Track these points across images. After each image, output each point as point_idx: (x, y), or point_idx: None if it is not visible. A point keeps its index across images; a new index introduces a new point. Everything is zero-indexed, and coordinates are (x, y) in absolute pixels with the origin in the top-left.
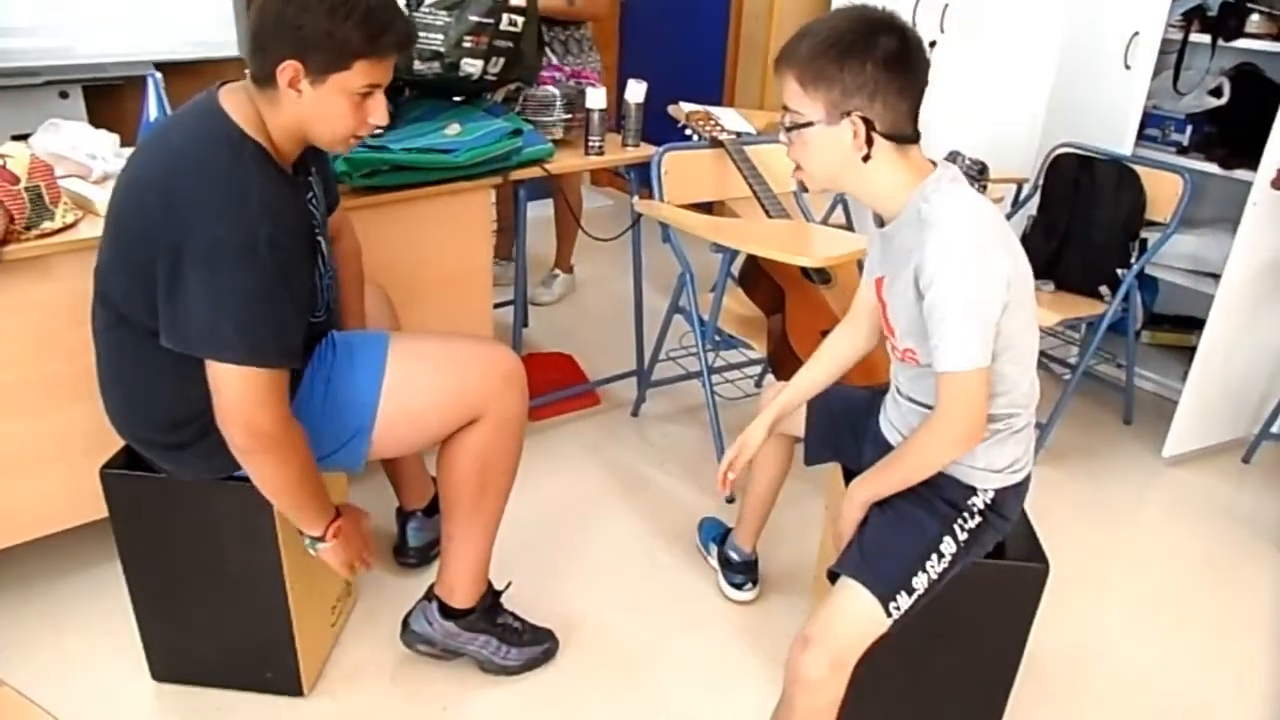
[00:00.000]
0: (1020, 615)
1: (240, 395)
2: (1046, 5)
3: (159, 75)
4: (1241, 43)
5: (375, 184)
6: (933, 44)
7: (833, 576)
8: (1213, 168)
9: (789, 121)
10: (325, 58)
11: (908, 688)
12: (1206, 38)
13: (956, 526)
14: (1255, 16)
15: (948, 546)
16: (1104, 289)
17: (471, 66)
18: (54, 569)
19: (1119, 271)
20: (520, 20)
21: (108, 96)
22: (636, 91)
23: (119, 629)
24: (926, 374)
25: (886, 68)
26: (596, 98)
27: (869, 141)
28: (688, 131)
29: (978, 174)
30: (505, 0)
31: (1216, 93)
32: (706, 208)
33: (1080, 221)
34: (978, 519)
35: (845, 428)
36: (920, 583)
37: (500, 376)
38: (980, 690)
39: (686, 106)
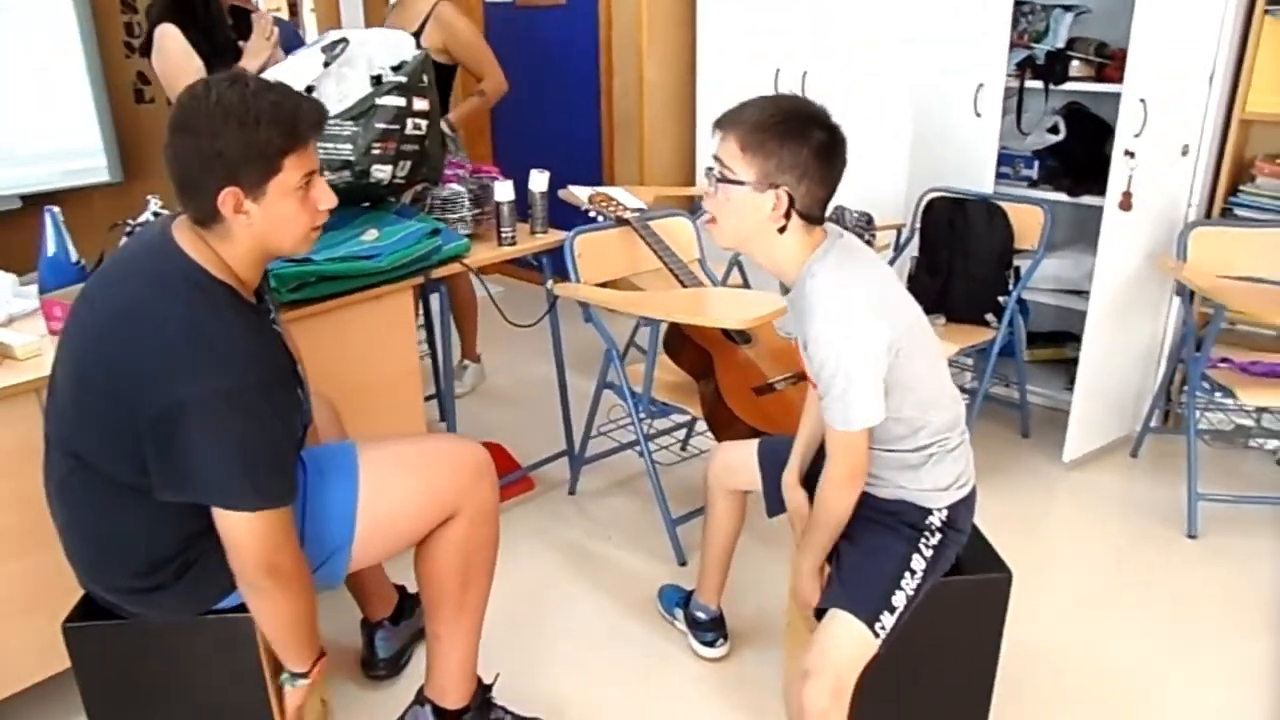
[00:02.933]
0: (991, 622)
1: (259, 540)
2: (895, 68)
3: (57, 210)
4: (1068, 85)
5: (304, 296)
6: None
7: (819, 614)
8: (1062, 196)
9: (720, 174)
10: (255, 170)
11: (899, 710)
12: (1039, 83)
13: (921, 545)
14: (1076, 63)
15: (917, 563)
16: (990, 316)
17: (381, 172)
18: None
19: (1000, 299)
20: (424, 124)
21: None
22: (540, 181)
23: None
24: None
25: (816, 156)
26: (504, 190)
27: (787, 215)
28: (591, 213)
29: (865, 225)
30: (409, 106)
31: (1054, 130)
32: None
33: (959, 257)
34: (938, 535)
35: (805, 481)
36: (899, 600)
37: (471, 470)
38: (964, 700)
39: (577, 190)
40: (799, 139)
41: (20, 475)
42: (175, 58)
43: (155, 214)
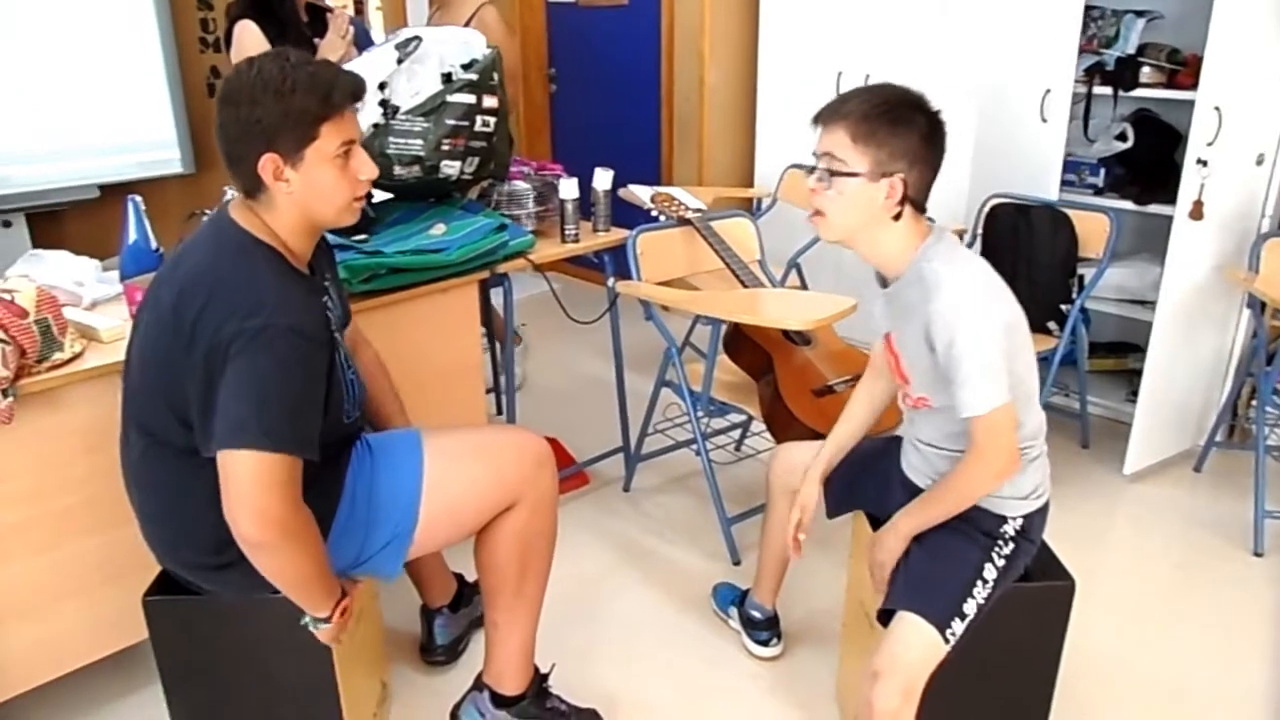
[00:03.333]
0: (1054, 630)
1: (251, 482)
2: (958, 71)
3: (139, 199)
4: (1138, 92)
5: (375, 288)
6: None
7: (884, 615)
8: (1128, 205)
9: (831, 168)
10: (293, 136)
11: (962, 713)
12: (1108, 89)
13: (994, 553)
14: (1147, 69)
15: (989, 572)
16: (1052, 325)
17: (450, 168)
18: (90, 702)
19: (1063, 307)
20: (493, 121)
21: (51, 221)
22: (604, 179)
23: None
24: (939, 416)
25: (924, 142)
26: (569, 188)
27: (901, 202)
28: (654, 213)
29: None
30: (479, 103)
31: (1122, 137)
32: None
33: (1023, 264)
34: (1012, 544)
35: (867, 478)
36: (970, 608)
37: (533, 460)
38: (1025, 705)
39: (638, 189)
40: (908, 126)
41: (104, 451)
42: (254, 52)
43: (228, 203)
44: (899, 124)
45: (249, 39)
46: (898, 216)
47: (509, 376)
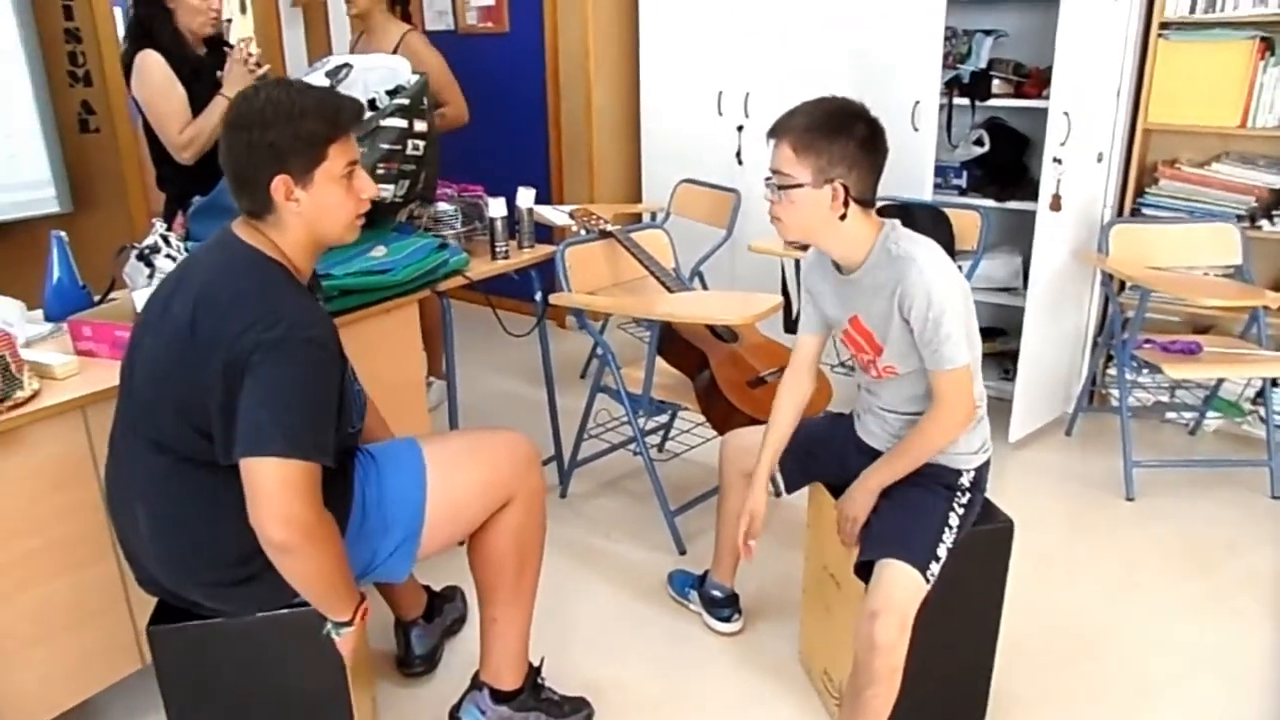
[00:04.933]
0: (1000, 564)
1: (277, 487)
2: (834, 87)
3: (63, 235)
4: (991, 101)
5: (328, 310)
6: (740, 128)
7: (862, 569)
8: (991, 202)
9: (780, 183)
10: (303, 158)
11: (936, 638)
12: (966, 100)
13: (955, 503)
14: (997, 81)
15: (953, 520)
16: None
17: (385, 191)
18: None
19: None
20: (422, 144)
21: None
22: (527, 198)
23: None
24: (904, 381)
25: (861, 147)
26: (498, 207)
27: (846, 204)
28: (574, 228)
29: None
30: (410, 127)
31: (979, 143)
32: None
33: None
34: (969, 494)
35: (821, 450)
36: (942, 551)
37: (524, 459)
38: (980, 632)
39: (546, 209)
40: (846, 134)
41: (70, 489)
42: (158, 82)
43: (163, 237)
44: (837, 133)
45: (154, 68)
46: (844, 217)
47: (450, 391)
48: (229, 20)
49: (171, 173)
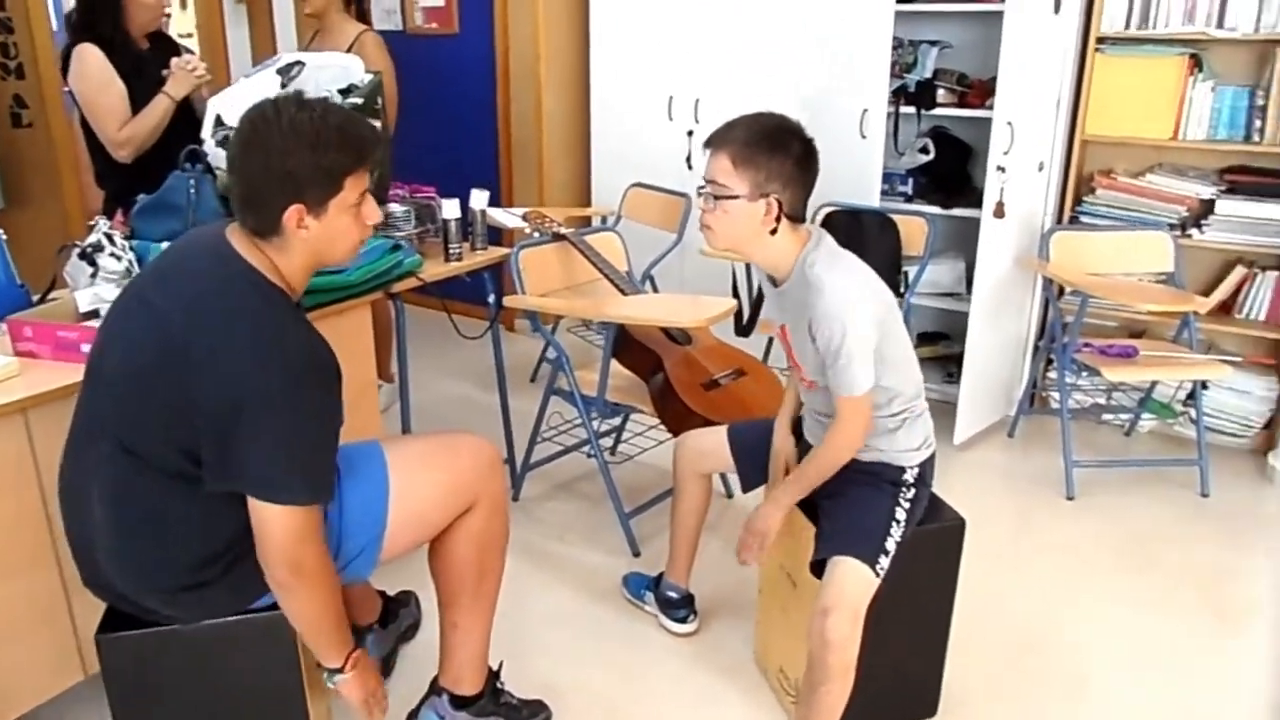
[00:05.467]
0: (951, 561)
1: (288, 533)
2: (784, 94)
3: (1, 234)
4: (936, 110)
5: None
6: (690, 133)
7: (816, 566)
8: (936, 209)
9: (716, 192)
10: (320, 189)
11: (891, 632)
12: (912, 109)
13: (900, 498)
14: (941, 91)
15: (900, 514)
16: None
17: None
18: None
19: None
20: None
21: None
22: (480, 199)
23: None
24: (826, 393)
25: (797, 165)
26: (451, 209)
27: (778, 219)
28: (528, 230)
29: None
30: None
31: (925, 151)
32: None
33: None
34: (914, 489)
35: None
36: (890, 545)
37: (487, 462)
38: (931, 626)
39: (496, 212)
40: (784, 151)
41: (8, 495)
42: (97, 77)
43: (106, 235)
44: (776, 150)
45: (92, 63)
46: (774, 231)
47: (403, 394)
48: (168, 15)
49: (110, 169)
